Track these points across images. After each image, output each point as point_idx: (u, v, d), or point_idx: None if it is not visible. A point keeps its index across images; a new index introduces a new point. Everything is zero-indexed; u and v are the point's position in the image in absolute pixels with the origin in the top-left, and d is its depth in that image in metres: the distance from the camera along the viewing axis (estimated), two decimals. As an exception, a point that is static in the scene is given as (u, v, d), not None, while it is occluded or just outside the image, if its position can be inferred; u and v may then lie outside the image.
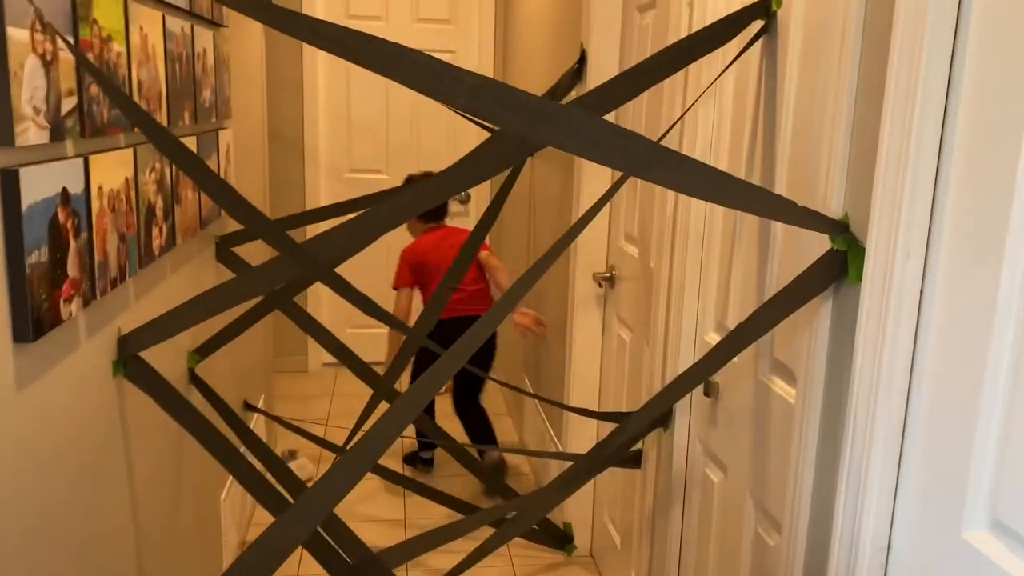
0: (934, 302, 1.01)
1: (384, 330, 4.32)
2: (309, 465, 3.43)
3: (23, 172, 1.13)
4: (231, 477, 2.63)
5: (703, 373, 1.36)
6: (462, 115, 2.83)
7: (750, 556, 1.54)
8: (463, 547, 2.87)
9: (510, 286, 1.11)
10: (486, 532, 2.87)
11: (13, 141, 1.12)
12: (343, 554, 1.83)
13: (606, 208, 2.64)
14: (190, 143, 2.01)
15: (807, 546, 1.29)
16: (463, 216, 4.65)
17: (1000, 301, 0.90)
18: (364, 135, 4.53)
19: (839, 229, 1.16)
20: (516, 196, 3.97)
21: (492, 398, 4.34)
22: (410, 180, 3.45)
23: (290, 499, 1.93)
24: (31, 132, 1.16)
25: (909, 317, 1.03)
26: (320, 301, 4.60)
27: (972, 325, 0.95)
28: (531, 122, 0.93)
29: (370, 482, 3.33)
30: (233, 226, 2.62)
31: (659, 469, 1.96)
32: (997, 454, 0.92)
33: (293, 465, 3.31)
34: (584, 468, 1.75)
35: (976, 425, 0.94)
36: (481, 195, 4.61)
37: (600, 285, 2.69)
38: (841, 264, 1.17)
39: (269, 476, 2.09)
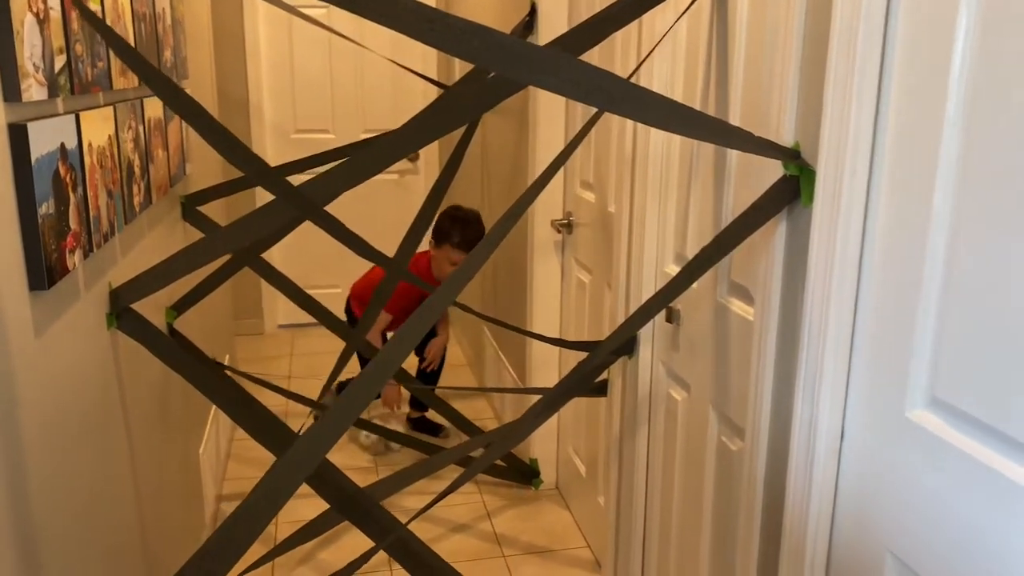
0: (877, 215, 1.15)
1: (339, 290, 4.38)
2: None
3: (31, 127, 1.19)
4: (207, 431, 2.70)
5: (664, 300, 1.49)
6: (404, 68, 2.87)
7: (714, 463, 1.69)
8: (437, 489, 3.00)
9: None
10: (457, 472, 3.00)
11: (20, 97, 1.16)
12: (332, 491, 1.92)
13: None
14: (155, 103, 2.04)
15: (769, 446, 1.45)
16: (413, 174, 4.71)
17: (935, 209, 1.04)
18: (309, 94, 4.53)
19: (791, 156, 1.29)
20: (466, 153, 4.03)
21: (451, 352, 4.45)
22: None
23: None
24: (34, 89, 1.21)
25: (856, 229, 1.17)
26: (277, 266, 4.62)
27: (910, 231, 1.09)
28: (473, 50, 0.97)
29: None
30: (195, 187, 2.65)
31: (625, 395, 2.10)
32: (934, 341, 1.06)
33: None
34: (552, 399, 1.87)
35: (915, 317, 1.08)
36: (430, 152, 4.66)
37: (558, 231, 2.80)
38: (793, 189, 1.30)
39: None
